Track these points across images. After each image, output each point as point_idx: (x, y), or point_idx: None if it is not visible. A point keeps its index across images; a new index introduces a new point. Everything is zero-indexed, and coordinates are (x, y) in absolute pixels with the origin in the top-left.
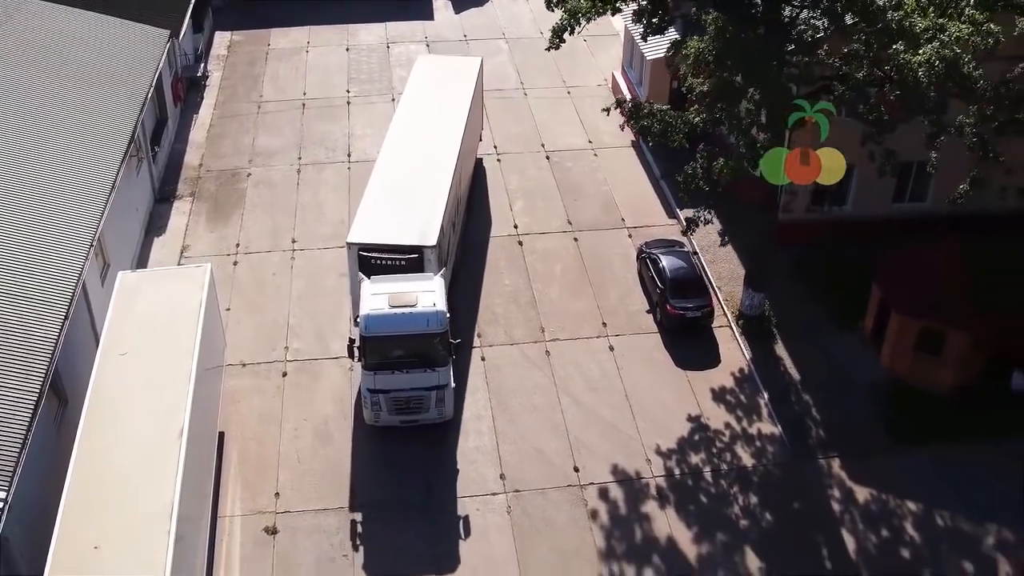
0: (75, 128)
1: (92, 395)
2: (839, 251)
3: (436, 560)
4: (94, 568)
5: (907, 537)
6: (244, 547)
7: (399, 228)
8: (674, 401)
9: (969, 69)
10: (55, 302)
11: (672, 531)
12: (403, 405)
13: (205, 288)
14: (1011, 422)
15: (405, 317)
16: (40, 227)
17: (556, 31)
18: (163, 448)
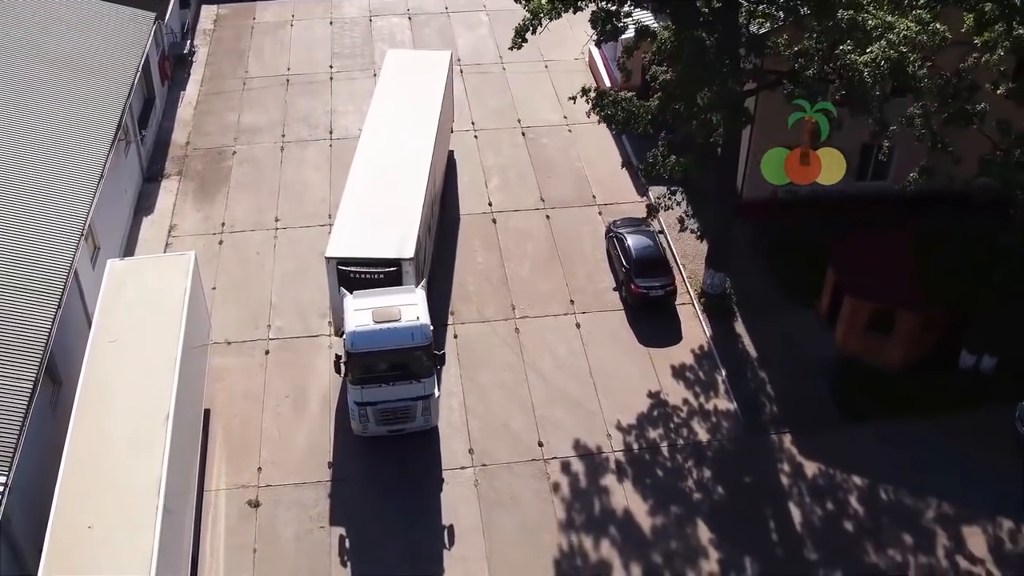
0: (63, 117)
1: (84, 383)
2: (802, 228)
3: (407, 532)
4: (88, 547)
5: (851, 511)
6: (229, 519)
7: (376, 241)
8: (636, 378)
9: (914, 69)
10: (48, 292)
11: (629, 504)
12: (390, 416)
13: (189, 276)
14: (957, 399)
15: (390, 332)
16: (32, 217)
17: (518, 31)
18: (151, 433)
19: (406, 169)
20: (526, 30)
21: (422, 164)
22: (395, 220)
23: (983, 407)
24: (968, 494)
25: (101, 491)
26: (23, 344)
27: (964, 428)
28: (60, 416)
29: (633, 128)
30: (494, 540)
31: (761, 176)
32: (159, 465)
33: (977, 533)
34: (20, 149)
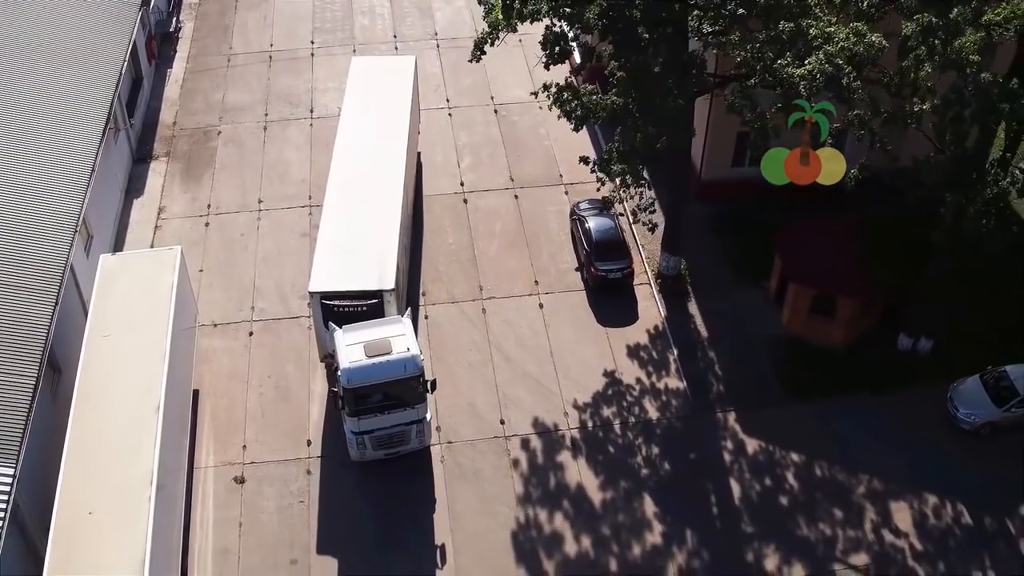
0: (52, 111)
1: (81, 377)
2: (758, 209)
3: (377, 505)
4: (90, 531)
5: (787, 486)
6: (217, 495)
7: (357, 273)
8: (593, 357)
9: (848, 81)
10: (46, 291)
11: (582, 479)
12: (386, 442)
13: (176, 272)
14: (895, 379)
15: (382, 366)
16: (28, 215)
17: (478, 44)
18: (144, 424)
19: (380, 195)
20: (484, 42)
21: (395, 189)
22: (373, 250)
23: (919, 387)
24: (899, 470)
25: (100, 480)
26: (24, 342)
27: (900, 406)
28: (60, 402)
29: (592, 122)
30: (457, 512)
31: (719, 157)
32: (152, 455)
33: (904, 508)
34: (11, 145)
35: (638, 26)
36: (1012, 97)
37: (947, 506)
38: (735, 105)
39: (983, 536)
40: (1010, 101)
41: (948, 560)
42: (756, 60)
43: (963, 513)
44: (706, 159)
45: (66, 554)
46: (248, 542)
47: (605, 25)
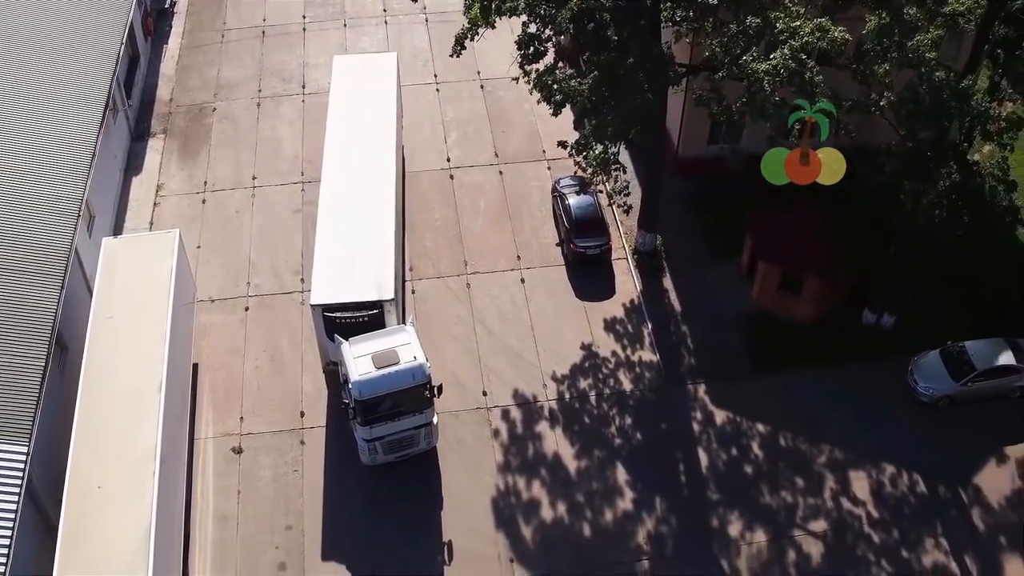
0: (52, 97)
1: (87, 358)
2: (735, 185)
3: (368, 474)
4: (99, 504)
5: (752, 455)
6: (216, 464)
7: (356, 285)
8: (572, 330)
9: (811, 75)
10: (52, 275)
11: (558, 448)
12: (396, 446)
13: (175, 254)
14: (859, 352)
15: (391, 376)
16: (33, 201)
17: (458, 39)
18: (147, 402)
19: (372, 204)
20: (464, 38)
21: (387, 197)
22: (371, 261)
23: (882, 360)
24: (859, 441)
25: (107, 456)
26: (33, 324)
27: (863, 379)
28: (68, 377)
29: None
30: (442, 479)
31: (696, 136)
32: (155, 431)
33: (862, 477)
34: (13, 130)
35: (608, 28)
36: (962, 97)
37: (904, 475)
38: (703, 99)
39: (937, 504)
40: (960, 100)
41: (902, 527)
42: (724, 54)
43: (919, 482)
44: (683, 137)
45: (77, 525)
46: (246, 509)
47: (577, 28)
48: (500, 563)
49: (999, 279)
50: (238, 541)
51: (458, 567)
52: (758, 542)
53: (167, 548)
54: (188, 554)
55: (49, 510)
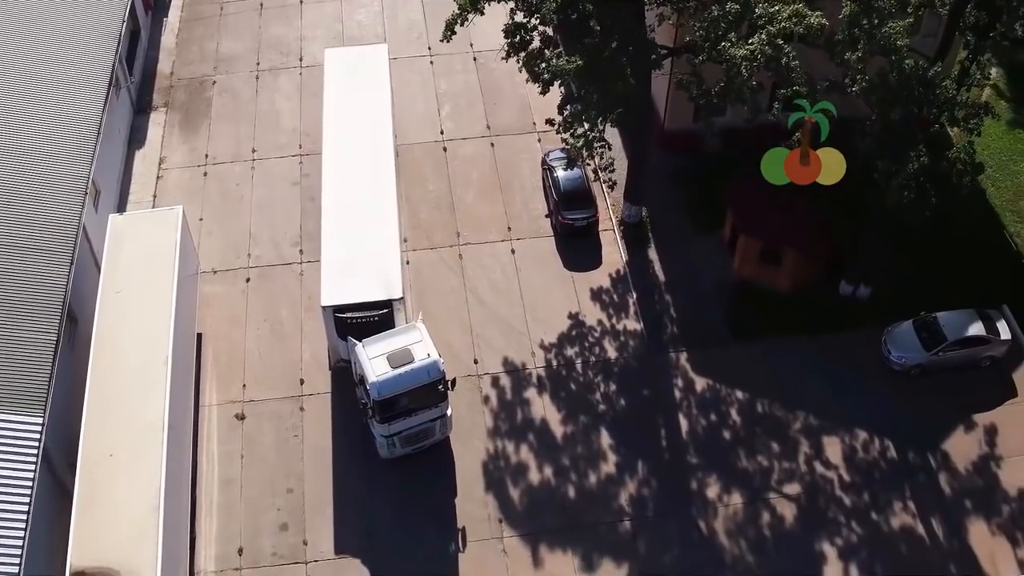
0: (57, 74)
1: (97, 332)
2: (719, 158)
3: (365, 439)
4: (111, 471)
5: (730, 421)
6: (220, 431)
7: (366, 285)
8: (560, 300)
9: (788, 60)
10: (62, 249)
11: (545, 414)
12: (413, 439)
13: (179, 230)
14: (835, 322)
15: (408, 375)
16: (42, 178)
17: (448, 25)
18: (154, 374)
19: (375, 203)
20: (455, 23)
21: (389, 195)
22: (377, 261)
23: (857, 330)
24: (834, 408)
25: (118, 425)
26: (45, 300)
27: (838, 348)
28: (78, 349)
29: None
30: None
31: (681, 110)
32: (163, 401)
33: (836, 442)
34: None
35: (591, 18)
36: (929, 85)
37: (875, 441)
38: (683, 83)
39: (906, 469)
40: (927, 88)
41: (872, 490)
42: (704, 39)
43: (889, 448)
44: (669, 112)
45: (91, 491)
46: (249, 473)
47: (561, 19)
48: (489, 523)
49: (971, 252)
50: (242, 504)
51: (451, 527)
52: (734, 504)
53: (176, 511)
54: (195, 517)
55: (65, 479)
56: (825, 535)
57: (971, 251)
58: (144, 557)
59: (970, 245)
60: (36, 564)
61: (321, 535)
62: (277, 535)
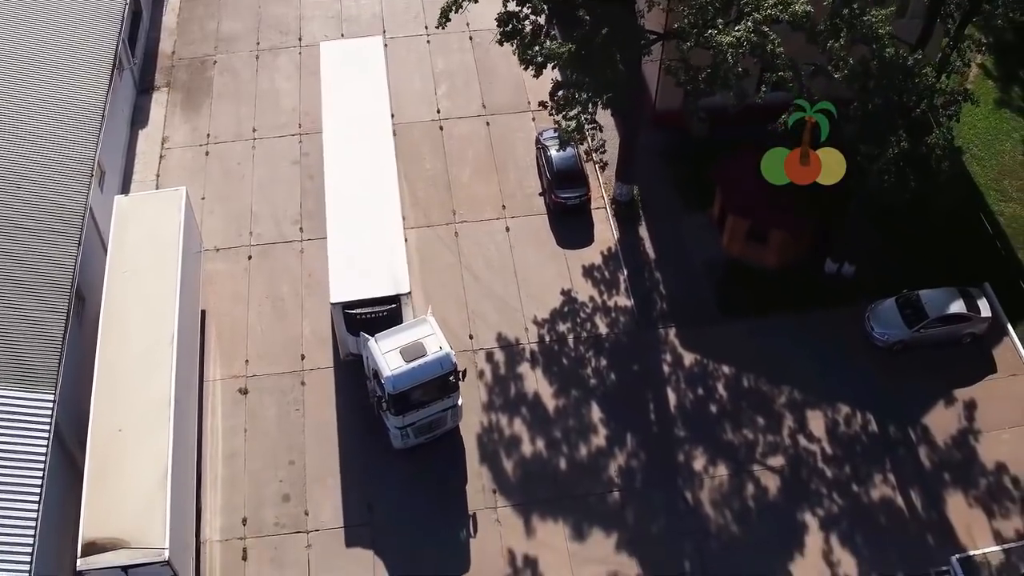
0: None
1: (105, 311)
2: (711, 135)
3: (365, 412)
4: (120, 446)
5: (716, 395)
6: (224, 405)
7: (373, 281)
8: (552, 277)
9: (773, 47)
10: (70, 231)
11: (538, 388)
12: (426, 429)
13: (182, 211)
14: (819, 299)
15: (421, 368)
16: (49, 162)
17: (443, 12)
18: (160, 352)
19: (378, 199)
20: (449, 10)
21: (391, 190)
22: (384, 256)
23: (841, 307)
24: (817, 382)
25: (126, 402)
26: (54, 280)
27: (823, 324)
28: (86, 327)
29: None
30: None
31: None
32: (169, 378)
33: (819, 416)
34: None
35: (581, 8)
36: (908, 74)
37: (857, 415)
38: (671, 69)
39: (887, 442)
40: (906, 77)
41: (854, 463)
42: (692, 26)
43: (871, 422)
44: (660, 92)
45: (102, 466)
46: (252, 446)
47: (552, 8)
48: (484, 494)
49: (955, 230)
50: (245, 476)
51: (448, 499)
52: (720, 476)
53: (183, 484)
54: (200, 488)
55: (75, 455)
56: (807, 506)
57: (955, 230)
58: (153, 528)
59: (954, 224)
60: (49, 536)
61: (322, 506)
62: (279, 506)
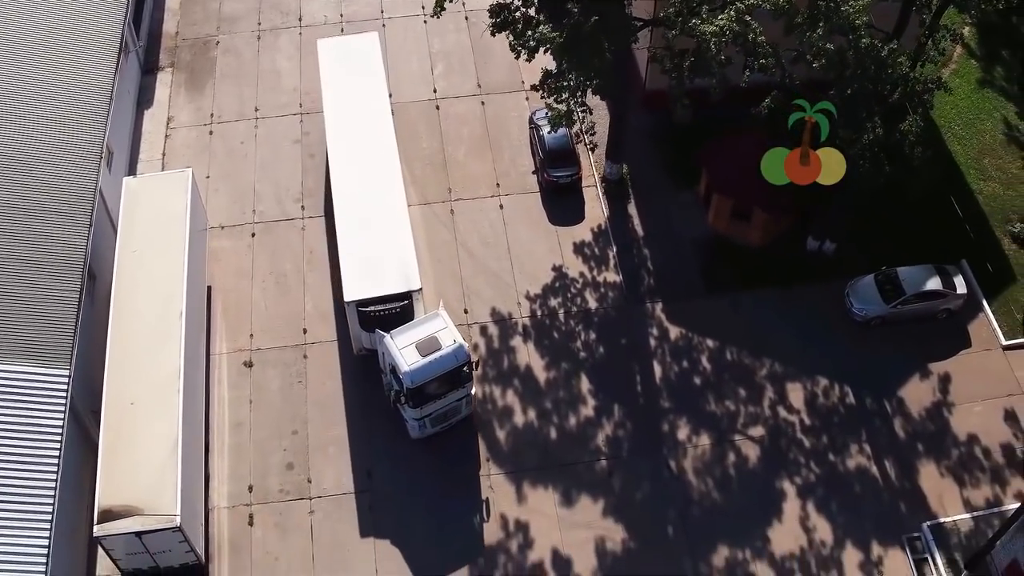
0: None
1: (116, 287)
2: (697, 116)
3: (363, 384)
4: (132, 419)
5: (700, 368)
6: (230, 377)
7: (386, 279)
8: (544, 253)
9: (755, 36)
10: (81, 212)
11: (530, 360)
12: (442, 418)
13: (189, 192)
14: (801, 275)
15: (438, 361)
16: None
17: (438, 1)
18: (170, 327)
19: (385, 198)
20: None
21: (397, 189)
22: (394, 254)
23: (822, 283)
24: (797, 356)
25: (138, 376)
26: (67, 259)
27: (804, 300)
28: (98, 304)
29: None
30: None
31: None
32: (178, 353)
33: (798, 388)
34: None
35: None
36: (882, 65)
37: (835, 388)
38: (657, 56)
39: (863, 414)
40: (880, 68)
41: (831, 433)
42: (677, 14)
43: (848, 394)
44: (649, 72)
45: (115, 437)
46: (257, 416)
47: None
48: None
49: (934, 209)
50: (251, 445)
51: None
52: (703, 445)
53: (192, 454)
54: (208, 457)
55: (89, 427)
56: (786, 474)
57: (934, 208)
58: (165, 495)
59: (933, 202)
60: (67, 504)
61: (324, 473)
62: (284, 474)
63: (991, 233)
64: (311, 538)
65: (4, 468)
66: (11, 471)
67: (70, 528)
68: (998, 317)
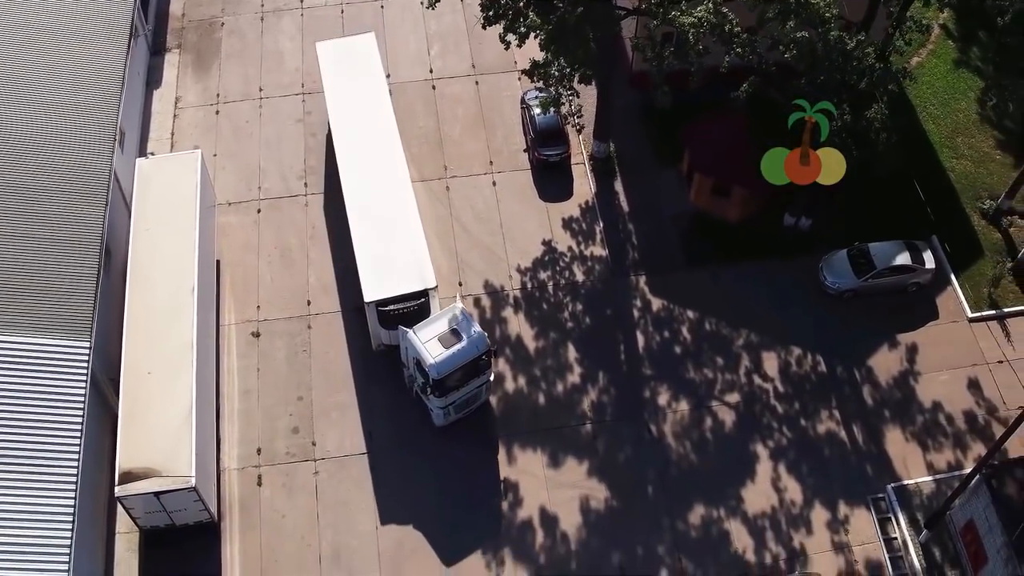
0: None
1: (132, 263)
2: (685, 96)
3: (364, 353)
4: (149, 387)
5: (681, 338)
6: (239, 347)
7: (402, 278)
8: (535, 228)
9: (731, 27)
10: (97, 192)
11: (520, 331)
12: (464, 405)
13: (198, 172)
14: (778, 249)
15: (461, 352)
16: (75, 129)
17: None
18: (182, 301)
19: (395, 199)
20: None
21: (406, 188)
22: (408, 254)
23: (798, 257)
24: (773, 326)
25: (153, 347)
26: (85, 236)
27: (780, 273)
28: (114, 279)
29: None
30: None
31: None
32: (191, 324)
33: (773, 358)
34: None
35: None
36: (848, 57)
37: (808, 357)
38: (639, 45)
39: (834, 382)
40: (846, 59)
41: (803, 400)
42: (659, 5)
43: (820, 363)
44: (635, 55)
45: (133, 405)
46: (265, 384)
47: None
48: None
49: (907, 186)
50: (259, 411)
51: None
52: (682, 410)
53: (205, 419)
54: (219, 422)
55: (108, 395)
56: (759, 438)
57: (907, 186)
58: (180, 458)
59: (907, 181)
60: (89, 467)
61: (327, 437)
62: (290, 437)
63: (962, 210)
64: (316, 497)
65: (32, 434)
66: (38, 437)
67: (92, 489)
68: (965, 290)
